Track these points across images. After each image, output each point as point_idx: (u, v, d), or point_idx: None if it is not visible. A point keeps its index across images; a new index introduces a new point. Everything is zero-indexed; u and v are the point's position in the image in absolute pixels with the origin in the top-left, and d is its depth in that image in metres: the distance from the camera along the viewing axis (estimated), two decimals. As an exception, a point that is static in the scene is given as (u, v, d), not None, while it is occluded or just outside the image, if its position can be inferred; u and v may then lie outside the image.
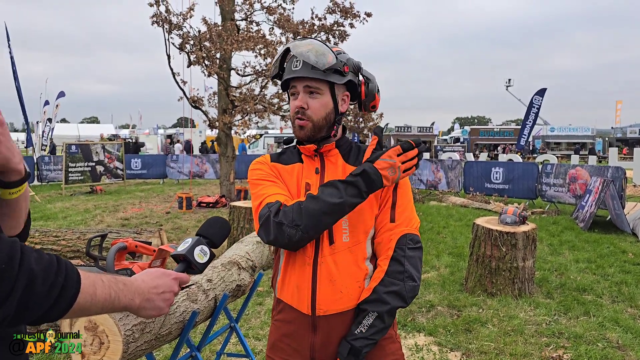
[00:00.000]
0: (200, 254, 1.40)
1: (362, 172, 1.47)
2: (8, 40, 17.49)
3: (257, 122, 13.03)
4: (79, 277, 0.95)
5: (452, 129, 66.80)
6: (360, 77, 1.68)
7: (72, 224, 9.66)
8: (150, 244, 1.94)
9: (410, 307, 4.94)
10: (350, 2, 11.47)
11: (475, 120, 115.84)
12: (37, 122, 26.51)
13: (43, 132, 25.31)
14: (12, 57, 17.42)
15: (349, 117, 11.72)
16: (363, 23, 11.52)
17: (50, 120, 24.70)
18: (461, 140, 44.20)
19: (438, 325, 4.42)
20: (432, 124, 46.41)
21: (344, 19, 11.50)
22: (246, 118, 11.14)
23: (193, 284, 2.17)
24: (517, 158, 14.83)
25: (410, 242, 1.54)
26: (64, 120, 77.72)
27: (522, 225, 5.35)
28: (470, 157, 18.89)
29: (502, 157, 17.64)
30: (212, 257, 1.45)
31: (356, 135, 12.78)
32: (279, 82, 1.69)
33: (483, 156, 26.92)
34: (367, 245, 1.56)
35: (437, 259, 6.83)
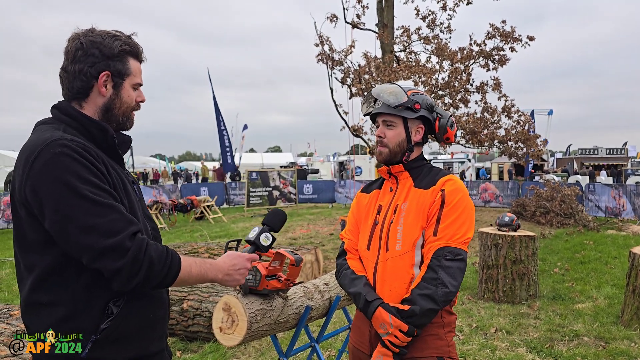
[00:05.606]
0: (265, 239, 1.85)
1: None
2: (211, 82, 20.44)
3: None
4: (180, 261, 1.49)
5: (654, 150, 58.42)
6: (435, 114, 2.02)
7: (249, 241, 11.00)
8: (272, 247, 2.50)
9: (551, 334, 4.81)
10: (511, 27, 11.31)
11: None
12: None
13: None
14: (214, 97, 20.31)
15: (510, 144, 11.45)
16: (525, 47, 11.25)
17: (236, 149, 28.03)
18: (665, 162, 38.53)
19: (577, 354, 4.27)
20: (624, 144, 41.42)
21: (505, 43, 11.35)
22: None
23: (300, 282, 2.63)
24: None
25: (449, 254, 1.80)
26: (252, 150, 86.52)
27: (688, 255, 4.84)
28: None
29: None
30: (274, 240, 1.89)
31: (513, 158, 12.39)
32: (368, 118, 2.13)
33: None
34: (415, 253, 1.87)
35: (596, 289, 6.39)
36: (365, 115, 2.17)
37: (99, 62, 1.53)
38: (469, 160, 34.21)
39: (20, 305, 1.53)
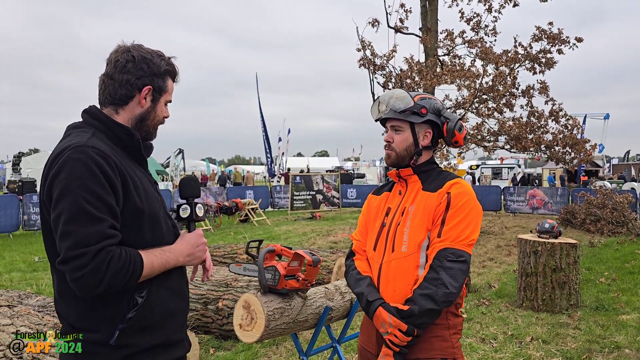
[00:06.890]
0: (199, 210, 1.83)
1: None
2: (257, 88, 20.87)
3: (459, 153, 13.19)
4: (142, 261, 1.56)
5: None
6: (443, 118, 2.05)
7: (290, 244, 11.15)
8: (291, 248, 2.56)
9: (590, 345, 4.67)
10: (558, 28, 10.99)
11: None
12: (276, 157, 30.62)
13: (279, 164, 29.22)
14: (259, 102, 20.73)
15: (557, 149, 11.14)
16: (573, 49, 10.90)
17: (283, 154, 28.43)
18: None
19: (615, 367, 4.13)
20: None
21: (552, 45, 11.04)
22: (444, 149, 11.43)
23: (321, 283, 2.71)
24: None
25: (451, 256, 1.82)
26: (299, 154, 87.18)
27: None
28: None
29: None
30: (203, 205, 1.88)
31: (564, 164, 11.99)
32: (379, 123, 2.18)
33: None
34: (420, 255, 1.90)
35: (643, 301, 6.13)
36: (375, 121, 2.22)
37: (146, 76, 1.69)
38: (519, 166, 33.28)
39: (54, 295, 1.68)
